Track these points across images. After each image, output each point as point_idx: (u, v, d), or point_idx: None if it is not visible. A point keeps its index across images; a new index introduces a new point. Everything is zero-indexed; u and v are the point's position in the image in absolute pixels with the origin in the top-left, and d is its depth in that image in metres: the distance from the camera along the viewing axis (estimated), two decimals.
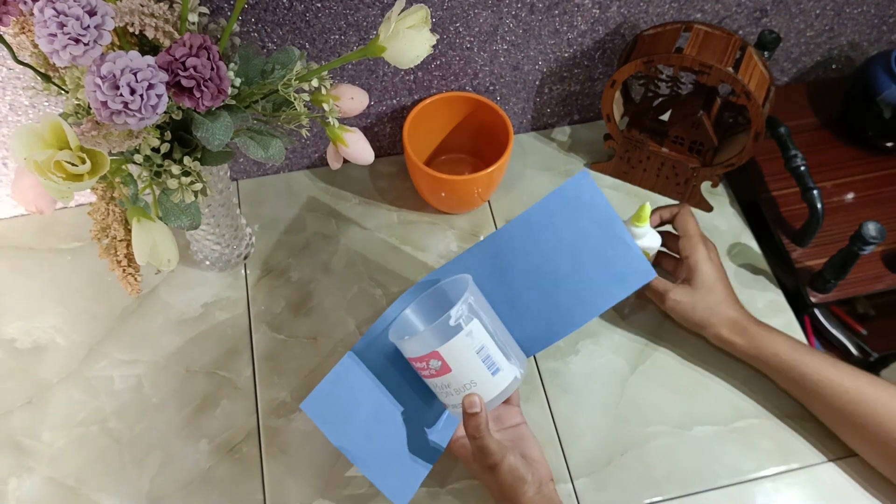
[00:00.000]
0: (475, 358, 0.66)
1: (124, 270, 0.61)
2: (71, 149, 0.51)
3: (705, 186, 0.94)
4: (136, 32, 0.56)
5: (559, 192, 0.74)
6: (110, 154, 0.54)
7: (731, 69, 0.79)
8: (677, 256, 0.84)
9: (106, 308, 0.86)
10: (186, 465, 0.77)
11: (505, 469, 0.66)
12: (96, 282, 0.88)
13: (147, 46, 0.61)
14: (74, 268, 0.89)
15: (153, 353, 0.83)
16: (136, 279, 0.62)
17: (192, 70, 0.53)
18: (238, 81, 0.62)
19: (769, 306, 0.88)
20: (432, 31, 0.60)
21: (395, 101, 0.92)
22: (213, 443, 0.78)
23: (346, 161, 0.70)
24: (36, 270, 0.89)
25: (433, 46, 0.61)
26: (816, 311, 0.92)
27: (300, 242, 0.92)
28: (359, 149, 0.69)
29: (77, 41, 0.49)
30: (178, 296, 0.87)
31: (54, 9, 0.49)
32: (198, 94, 0.54)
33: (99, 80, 0.50)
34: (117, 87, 0.50)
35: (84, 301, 0.87)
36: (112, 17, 0.51)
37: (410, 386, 0.73)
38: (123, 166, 0.60)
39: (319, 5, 0.79)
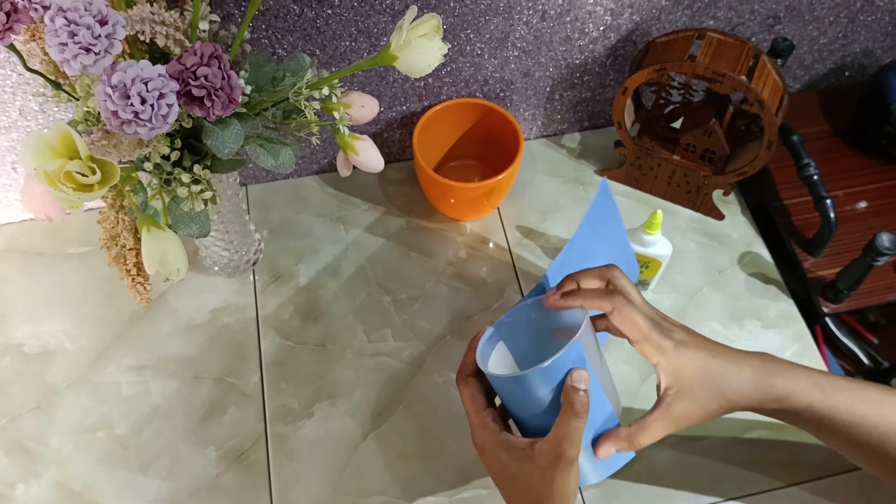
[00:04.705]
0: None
1: (133, 279, 0.60)
2: (81, 159, 0.51)
3: (717, 194, 0.93)
4: (147, 41, 0.55)
5: (594, 209, 0.72)
6: (120, 162, 0.54)
7: (744, 77, 0.79)
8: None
9: (114, 313, 0.86)
10: (194, 471, 0.77)
11: (575, 469, 0.59)
12: (105, 287, 0.88)
13: (157, 54, 0.61)
14: (83, 272, 0.89)
15: (161, 359, 0.83)
16: (145, 288, 0.62)
17: (202, 79, 0.53)
18: (248, 89, 0.62)
19: (780, 315, 0.87)
20: (443, 38, 0.60)
21: (404, 108, 0.92)
22: (220, 449, 0.78)
23: (355, 168, 0.70)
24: (44, 275, 0.89)
25: (444, 54, 0.61)
26: (827, 321, 0.92)
27: (309, 248, 0.92)
28: (369, 157, 0.68)
29: (88, 50, 0.49)
30: (186, 301, 0.87)
31: (65, 18, 0.49)
32: (209, 104, 0.53)
33: (109, 90, 0.49)
34: (128, 97, 0.50)
35: (92, 306, 0.87)
36: (123, 26, 0.51)
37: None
38: (133, 174, 0.59)
39: (330, 12, 0.78)
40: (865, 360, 0.95)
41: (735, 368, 0.62)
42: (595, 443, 0.61)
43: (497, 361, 0.67)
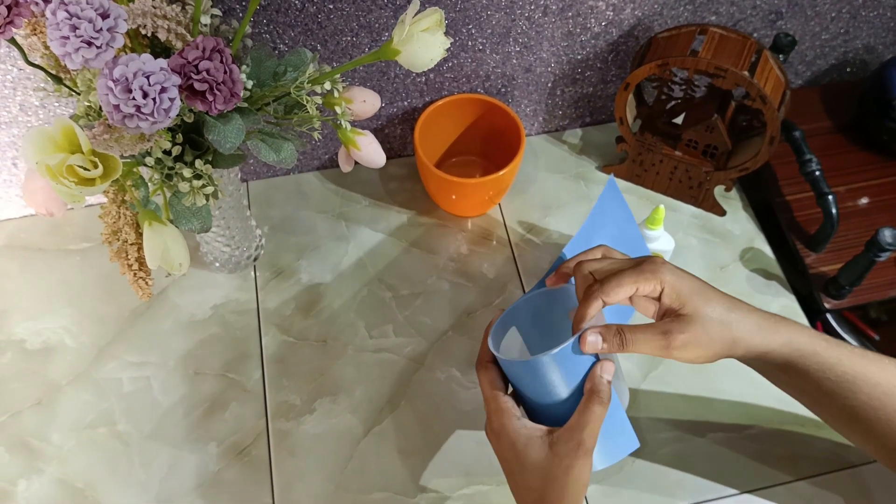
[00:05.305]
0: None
1: (135, 274, 0.60)
2: (83, 153, 0.51)
3: (718, 190, 0.93)
4: (149, 35, 0.55)
5: (601, 202, 0.73)
6: (121, 157, 0.54)
7: (746, 73, 0.79)
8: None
9: (115, 309, 0.86)
10: (195, 467, 0.77)
11: (590, 460, 0.59)
12: (105, 283, 0.88)
13: (159, 48, 0.61)
14: (83, 268, 0.89)
15: (162, 355, 0.83)
16: (147, 283, 0.61)
17: (204, 73, 0.53)
18: (250, 84, 0.62)
19: (782, 312, 0.86)
20: (445, 33, 0.60)
21: (406, 103, 0.92)
22: (221, 446, 0.78)
23: (356, 163, 0.70)
24: (45, 271, 0.89)
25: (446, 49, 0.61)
26: (829, 317, 0.91)
27: (310, 244, 0.92)
28: (371, 152, 0.68)
29: (89, 44, 0.49)
30: (187, 297, 0.87)
31: (67, 11, 0.49)
32: (210, 98, 0.53)
33: (111, 84, 0.49)
34: (130, 91, 0.49)
35: (93, 302, 0.87)
36: (125, 20, 0.50)
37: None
38: (135, 169, 0.59)
39: (332, 7, 0.78)
40: None
41: (738, 305, 0.61)
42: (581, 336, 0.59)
43: (509, 346, 0.68)
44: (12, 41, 0.56)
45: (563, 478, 0.58)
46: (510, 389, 0.65)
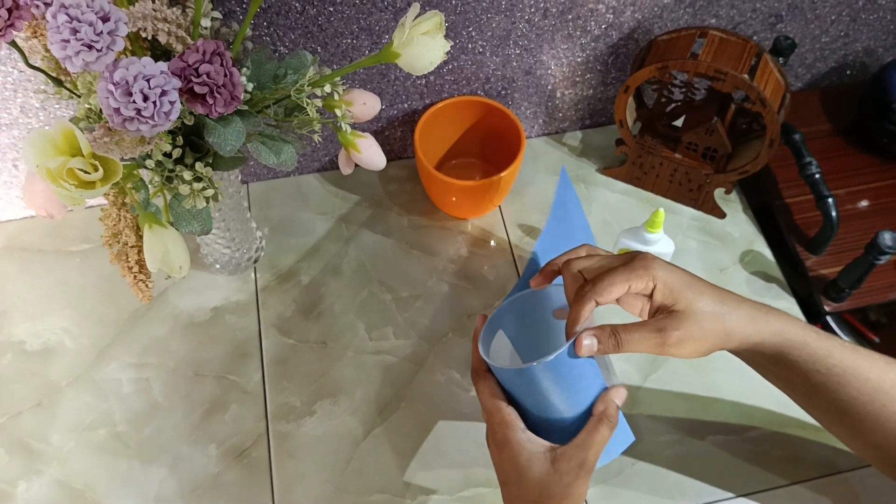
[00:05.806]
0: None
1: (135, 277, 0.60)
2: (83, 156, 0.51)
3: (718, 193, 0.93)
4: (149, 38, 0.55)
5: (559, 195, 0.74)
6: (122, 159, 0.54)
7: (746, 76, 0.79)
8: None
9: (115, 311, 0.86)
10: (195, 469, 0.77)
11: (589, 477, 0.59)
12: (105, 284, 0.88)
13: (159, 51, 0.61)
14: (83, 270, 0.89)
15: (162, 357, 0.83)
16: (147, 286, 0.62)
17: (205, 76, 0.53)
18: (250, 86, 0.62)
19: None
20: (445, 36, 0.60)
21: (406, 105, 0.92)
22: (221, 447, 0.78)
23: (356, 165, 0.70)
24: (45, 272, 0.89)
25: (446, 52, 0.61)
26: (829, 320, 0.91)
27: (310, 246, 0.92)
28: (371, 154, 0.68)
29: (90, 47, 0.49)
30: (187, 299, 0.87)
31: (67, 14, 0.49)
32: (211, 101, 0.53)
33: (112, 87, 0.49)
34: (130, 94, 0.50)
35: (93, 303, 0.87)
36: (125, 23, 0.51)
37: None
38: (135, 171, 0.59)
39: (332, 9, 0.78)
40: None
41: (730, 296, 0.61)
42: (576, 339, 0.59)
43: (499, 351, 0.68)
44: (13, 44, 0.56)
45: (561, 494, 0.58)
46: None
